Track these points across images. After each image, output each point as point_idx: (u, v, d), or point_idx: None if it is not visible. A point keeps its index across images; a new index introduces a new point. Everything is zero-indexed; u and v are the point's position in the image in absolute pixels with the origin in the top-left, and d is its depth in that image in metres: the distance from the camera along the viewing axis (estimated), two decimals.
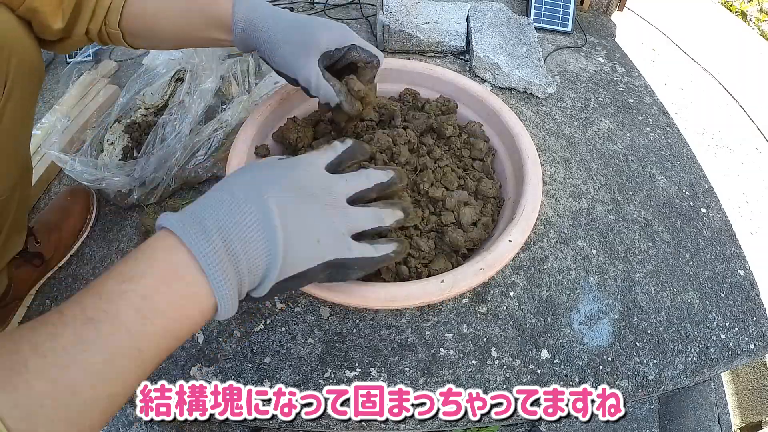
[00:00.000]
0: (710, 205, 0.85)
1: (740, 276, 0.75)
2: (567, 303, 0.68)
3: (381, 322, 0.65)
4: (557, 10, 1.17)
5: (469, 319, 0.66)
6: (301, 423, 0.57)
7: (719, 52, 1.28)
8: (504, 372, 0.62)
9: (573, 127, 0.93)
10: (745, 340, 0.69)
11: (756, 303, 0.73)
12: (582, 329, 0.66)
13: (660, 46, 1.27)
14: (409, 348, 0.63)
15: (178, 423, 0.65)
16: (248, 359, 0.61)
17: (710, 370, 0.66)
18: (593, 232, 0.77)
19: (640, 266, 0.74)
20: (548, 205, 0.79)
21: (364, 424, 0.57)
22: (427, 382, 0.60)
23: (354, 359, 0.61)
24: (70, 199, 0.73)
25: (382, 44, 1.04)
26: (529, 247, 0.74)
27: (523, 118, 0.92)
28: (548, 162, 0.86)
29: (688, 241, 0.78)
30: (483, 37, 1.01)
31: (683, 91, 1.13)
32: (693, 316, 0.69)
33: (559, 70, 1.06)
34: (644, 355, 0.65)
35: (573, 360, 0.63)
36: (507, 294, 0.68)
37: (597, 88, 1.03)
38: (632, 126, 0.96)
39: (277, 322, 0.64)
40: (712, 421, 0.80)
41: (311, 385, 0.59)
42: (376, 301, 0.48)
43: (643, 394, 0.63)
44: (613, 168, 0.87)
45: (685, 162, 0.91)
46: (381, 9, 1.03)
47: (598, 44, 1.17)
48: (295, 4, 1.18)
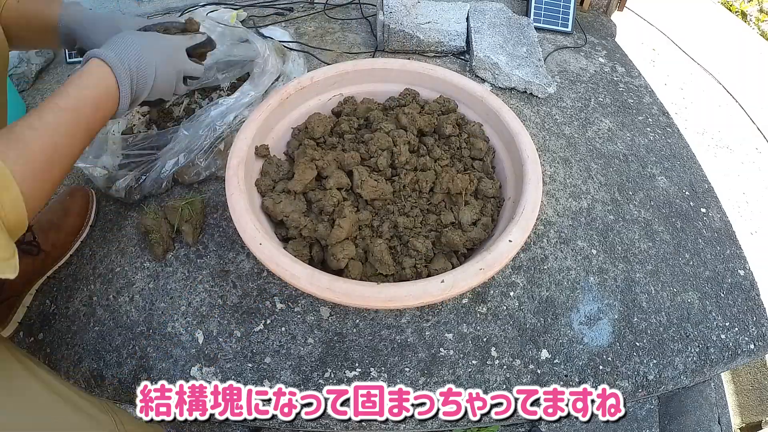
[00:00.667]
0: (710, 205, 0.85)
1: (740, 276, 0.75)
2: (567, 303, 0.68)
3: (381, 322, 0.65)
4: (557, 10, 1.17)
5: (469, 319, 0.66)
6: (301, 423, 0.57)
7: (719, 52, 1.28)
8: (504, 372, 0.62)
9: (573, 127, 0.93)
10: (745, 340, 0.69)
11: (756, 303, 0.73)
12: (582, 329, 0.66)
13: (660, 46, 1.27)
14: (409, 348, 0.63)
15: (178, 423, 0.66)
16: (248, 359, 0.61)
17: (710, 370, 0.66)
18: (593, 232, 0.77)
19: (640, 266, 0.74)
20: (548, 205, 0.79)
21: (364, 424, 0.57)
22: (427, 382, 0.60)
23: (354, 359, 0.61)
24: (69, 199, 0.73)
25: (383, 44, 1.04)
26: (529, 247, 0.74)
27: (523, 118, 0.92)
28: (548, 162, 0.86)
29: (688, 241, 0.78)
30: (483, 37, 1.01)
31: (683, 91, 1.13)
32: (693, 316, 0.69)
33: (559, 70, 1.06)
34: (644, 355, 0.65)
35: (573, 360, 0.63)
36: (507, 294, 0.68)
37: (597, 88, 1.03)
38: (632, 126, 0.96)
39: (277, 322, 0.64)
40: (712, 421, 0.80)
41: (311, 385, 0.59)
42: (376, 301, 0.48)
43: (643, 394, 0.64)
44: (613, 168, 0.87)
45: (685, 162, 0.91)
46: (381, 9, 1.03)
47: (598, 44, 1.17)
48: (294, 4, 1.18)
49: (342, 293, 0.49)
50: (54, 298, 0.67)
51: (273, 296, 0.66)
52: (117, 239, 0.73)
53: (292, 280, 0.50)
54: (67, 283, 0.69)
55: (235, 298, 0.66)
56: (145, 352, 0.62)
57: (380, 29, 1.02)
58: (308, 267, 0.51)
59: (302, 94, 0.71)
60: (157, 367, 0.61)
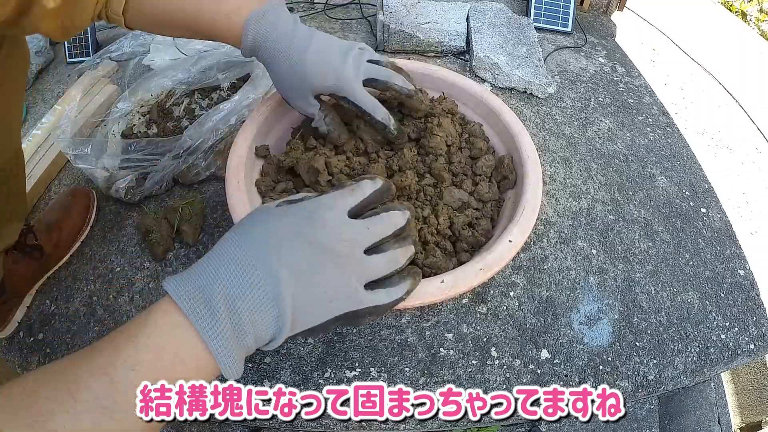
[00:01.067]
0: (710, 205, 0.85)
1: (740, 276, 0.75)
2: (567, 303, 0.68)
3: (381, 322, 0.65)
4: (557, 10, 1.17)
5: (469, 319, 0.66)
6: (301, 423, 0.57)
7: (719, 52, 1.28)
8: (504, 372, 0.62)
9: (573, 127, 0.93)
10: (745, 340, 0.69)
11: (756, 303, 0.73)
12: (582, 329, 0.66)
13: (660, 46, 1.27)
14: (409, 348, 0.63)
15: (178, 423, 0.66)
16: (248, 359, 0.61)
17: (710, 370, 0.66)
18: (593, 232, 0.77)
19: (640, 266, 0.74)
20: (548, 205, 0.79)
21: (364, 424, 0.57)
22: (427, 382, 0.60)
23: (354, 359, 0.61)
24: (70, 199, 0.73)
25: (382, 44, 1.04)
26: (529, 247, 0.74)
27: (523, 118, 0.92)
28: (548, 162, 0.86)
29: (688, 241, 0.78)
30: (483, 37, 1.01)
31: (683, 91, 1.13)
32: (693, 316, 0.69)
33: (559, 70, 1.06)
34: (644, 355, 0.65)
35: (573, 360, 0.63)
36: (507, 294, 0.68)
37: (597, 88, 1.03)
38: (632, 126, 0.96)
39: None
40: (712, 421, 0.80)
41: (311, 385, 0.59)
42: None
43: (643, 394, 0.63)
44: (613, 168, 0.87)
45: (685, 162, 0.91)
46: (381, 9, 1.03)
47: (598, 44, 1.17)
48: (294, 4, 1.18)
49: None
50: (54, 298, 0.67)
51: None
52: (117, 239, 0.73)
53: None
54: (67, 283, 0.69)
55: None
56: None
57: (380, 29, 1.02)
58: None
59: None
60: None
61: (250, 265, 0.31)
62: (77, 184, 0.79)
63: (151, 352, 0.29)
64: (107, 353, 0.29)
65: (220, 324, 0.30)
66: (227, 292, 0.30)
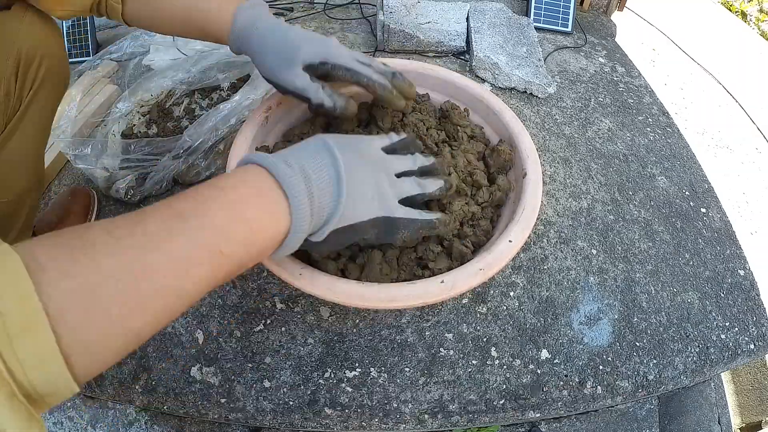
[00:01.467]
0: (710, 205, 0.85)
1: (740, 276, 0.75)
2: (567, 303, 0.68)
3: (381, 322, 0.65)
4: (557, 10, 1.17)
5: (469, 319, 0.66)
6: (301, 423, 0.57)
7: (719, 52, 1.28)
8: (504, 372, 0.62)
9: (573, 127, 0.93)
10: (745, 340, 0.69)
11: (756, 303, 0.73)
12: (582, 329, 0.66)
13: (660, 46, 1.27)
14: (409, 348, 0.63)
15: (178, 423, 0.66)
16: (248, 359, 0.61)
17: (710, 370, 0.66)
18: (593, 232, 0.77)
19: (640, 266, 0.74)
20: (548, 205, 0.79)
21: (364, 424, 0.57)
22: (427, 382, 0.60)
23: (354, 359, 0.61)
24: (70, 199, 0.73)
25: (382, 44, 1.04)
26: (529, 247, 0.74)
27: (523, 118, 0.92)
28: (548, 162, 0.86)
29: (688, 241, 0.78)
30: (483, 37, 1.01)
31: (683, 91, 1.13)
32: (693, 316, 0.69)
33: (559, 70, 1.06)
34: (644, 355, 0.65)
35: (573, 360, 0.63)
36: (507, 294, 0.68)
37: (597, 88, 1.03)
38: (632, 126, 0.96)
39: (277, 322, 0.64)
40: (712, 421, 0.80)
41: (311, 385, 0.59)
42: (376, 301, 0.48)
43: (643, 394, 0.63)
44: (613, 168, 0.87)
45: (685, 162, 0.91)
46: (381, 9, 1.03)
47: (598, 44, 1.17)
48: (294, 4, 1.18)
49: (342, 293, 0.48)
50: None
51: (273, 296, 0.66)
52: None
53: (292, 280, 0.50)
54: None
55: (235, 298, 0.66)
56: (145, 352, 0.62)
57: (380, 29, 1.02)
58: (308, 267, 0.51)
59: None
60: (156, 367, 0.61)
61: (317, 150, 0.39)
62: (77, 184, 0.79)
63: (232, 181, 0.34)
64: (187, 189, 0.33)
65: (296, 177, 0.35)
66: (302, 162, 0.37)
